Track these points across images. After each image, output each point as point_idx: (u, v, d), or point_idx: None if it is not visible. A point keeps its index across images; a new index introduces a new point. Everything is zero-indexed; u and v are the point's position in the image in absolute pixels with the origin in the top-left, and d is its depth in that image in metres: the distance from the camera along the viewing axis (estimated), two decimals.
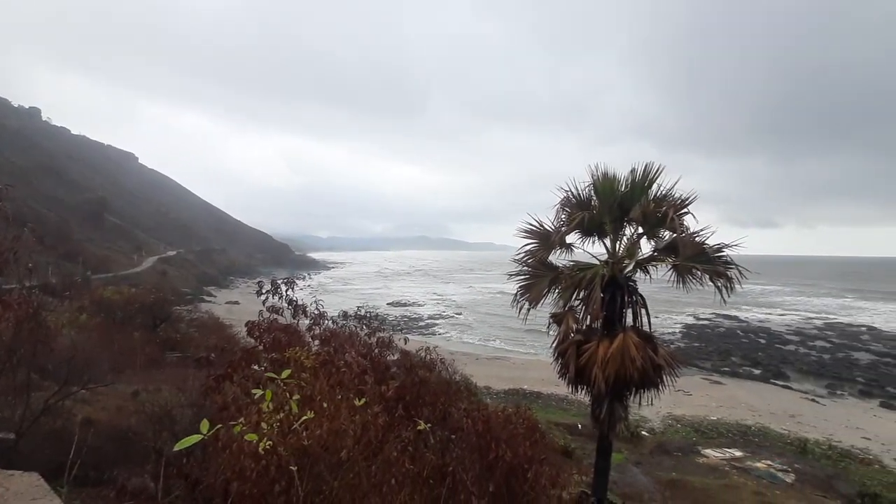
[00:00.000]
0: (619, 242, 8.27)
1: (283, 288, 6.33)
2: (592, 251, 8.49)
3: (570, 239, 8.48)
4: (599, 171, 8.17)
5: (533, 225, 8.63)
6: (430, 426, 4.07)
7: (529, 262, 8.61)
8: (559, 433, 18.94)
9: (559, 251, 8.51)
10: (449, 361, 10.69)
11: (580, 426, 20.69)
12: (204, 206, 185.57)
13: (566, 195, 8.46)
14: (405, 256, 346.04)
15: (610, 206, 8.10)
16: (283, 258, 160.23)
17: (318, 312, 6.36)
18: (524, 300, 8.38)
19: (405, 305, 72.87)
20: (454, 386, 8.36)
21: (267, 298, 6.18)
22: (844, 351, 43.77)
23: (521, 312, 8.38)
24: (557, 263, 8.52)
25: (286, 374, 3.63)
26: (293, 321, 6.07)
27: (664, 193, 7.93)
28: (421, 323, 56.93)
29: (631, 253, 8.12)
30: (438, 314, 64.34)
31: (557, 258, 8.57)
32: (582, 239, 8.56)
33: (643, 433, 21.63)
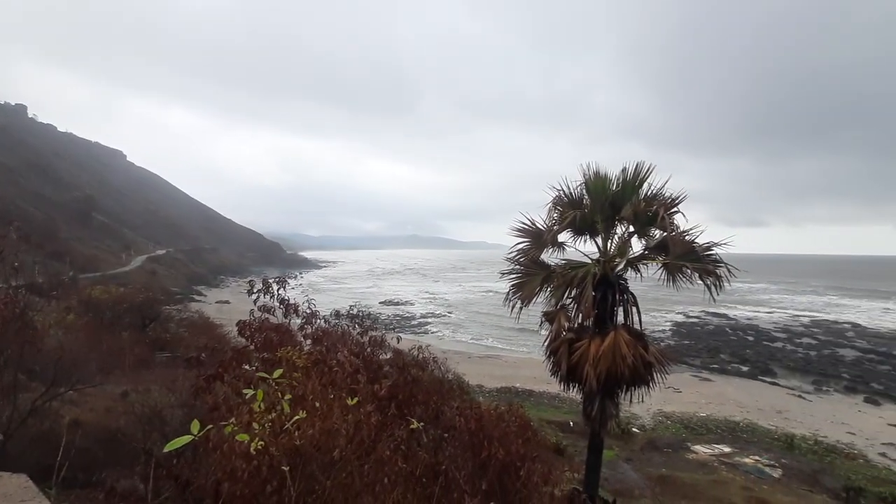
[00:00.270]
0: (610, 241, 8.33)
1: (274, 287, 6.27)
2: (584, 250, 8.55)
3: (562, 237, 8.52)
4: (591, 170, 8.22)
5: (525, 223, 8.66)
6: (422, 425, 4.07)
7: (522, 260, 8.64)
8: (551, 431, 19.06)
9: (551, 250, 8.55)
10: (441, 360, 10.73)
11: (572, 424, 20.83)
12: (194, 204, 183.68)
13: (558, 194, 8.50)
14: (397, 255, 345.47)
15: (601, 204, 8.15)
16: (273, 257, 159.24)
17: (309, 311, 6.32)
18: (517, 298, 8.40)
19: (397, 304, 72.78)
20: (447, 384, 8.39)
21: (258, 297, 6.12)
22: (830, 348, 44.51)
23: (513, 311, 8.41)
24: (550, 262, 8.56)
25: (278, 373, 3.61)
26: (285, 320, 6.03)
27: (655, 193, 7.99)
28: (413, 322, 56.91)
29: (622, 251, 8.18)
30: (431, 313, 64.34)
31: (549, 257, 8.61)
32: (574, 237, 8.61)
33: (634, 430, 21.84)
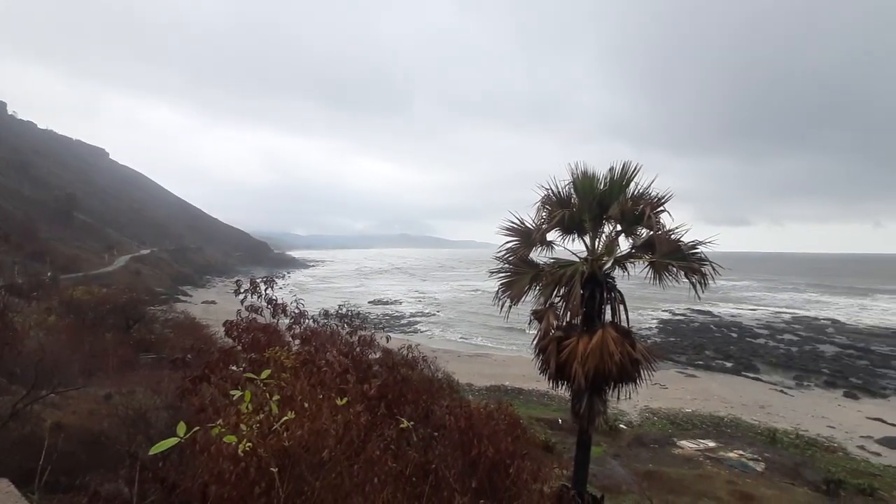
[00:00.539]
0: (598, 240, 8.39)
1: (262, 287, 6.21)
2: (572, 248, 8.61)
3: (550, 236, 8.57)
4: (579, 169, 8.28)
5: (514, 222, 8.69)
6: (412, 424, 4.07)
7: (511, 259, 8.67)
8: (540, 428, 19.20)
9: (540, 248, 8.60)
10: (431, 359, 10.73)
11: (560, 421, 21.02)
12: (179, 203, 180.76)
13: (547, 193, 8.55)
14: (386, 254, 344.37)
15: (589, 203, 8.21)
16: (261, 256, 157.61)
17: (298, 311, 6.27)
18: (506, 297, 8.43)
19: (386, 304, 72.60)
20: (436, 383, 8.38)
21: (245, 297, 6.05)
22: (811, 344, 45.54)
23: (502, 309, 8.44)
24: (538, 261, 8.60)
25: (266, 374, 3.58)
26: (273, 320, 5.97)
27: (641, 192, 8.07)
28: (402, 321, 56.81)
29: (610, 250, 8.26)
30: (420, 312, 64.29)
31: (538, 255, 8.66)
32: (562, 236, 8.66)
33: (621, 426, 22.11)
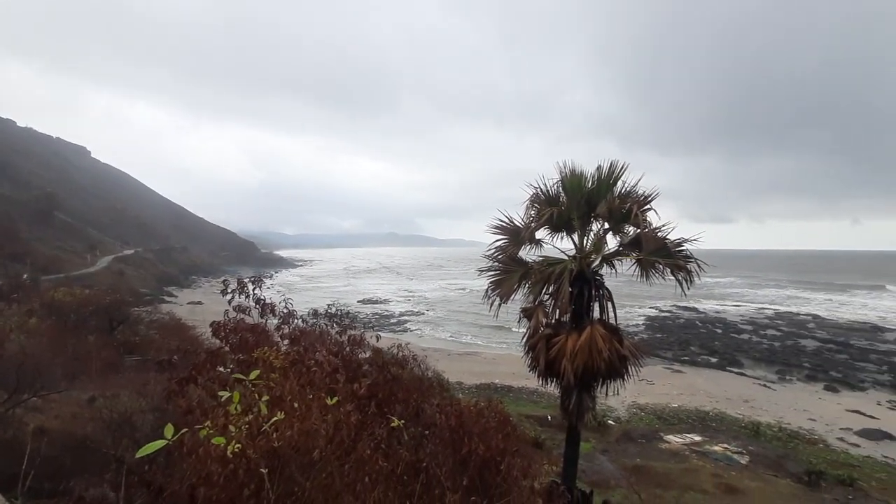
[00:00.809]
0: (586, 238, 8.47)
1: (249, 286, 6.14)
2: (561, 246, 8.67)
3: (539, 234, 8.63)
4: (567, 167, 8.35)
5: (503, 221, 8.73)
6: (403, 423, 4.07)
7: (500, 257, 8.71)
8: (530, 425, 19.34)
9: (529, 247, 8.65)
10: (421, 358, 10.74)
11: (550, 418, 21.19)
12: (163, 202, 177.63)
13: (535, 191, 8.60)
14: (374, 253, 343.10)
15: (578, 202, 8.27)
16: (247, 256, 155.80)
17: (286, 311, 6.21)
18: (495, 295, 8.47)
19: (376, 303, 72.33)
20: (427, 382, 8.39)
21: (233, 297, 5.98)
22: (793, 339, 46.50)
23: (492, 307, 8.48)
24: (527, 259, 8.65)
25: (254, 374, 3.55)
26: (261, 321, 5.91)
27: (628, 190, 8.17)
28: (392, 320, 56.67)
29: (598, 248, 8.34)
30: (409, 311, 64.17)
31: (527, 254, 8.71)
32: (551, 234, 8.72)
33: (609, 422, 22.36)
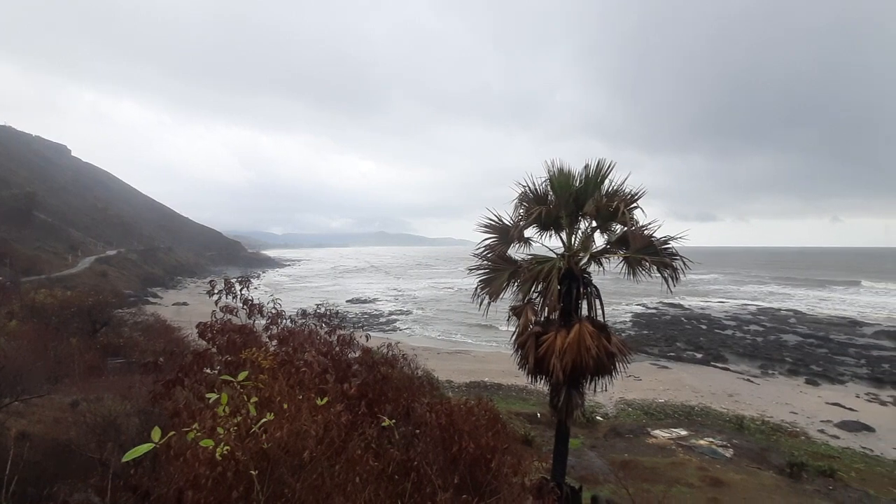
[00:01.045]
0: (574, 236, 8.53)
1: (237, 287, 6.06)
2: (550, 245, 8.73)
3: (528, 233, 8.66)
4: (555, 166, 8.39)
5: (492, 220, 8.76)
6: (393, 422, 4.07)
7: (489, 256, 8.73)
8: (520, 423, 19.46)
9: (518, 245, 8.68)
10: (411, 357, 10.72)
11: (539, 415, 21.34)
12: (147, 202, 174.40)
13: (524, 190, 8.63)
14: (363, 252, 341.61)
15: (566, 200, 8.33)
16: (234, 256, 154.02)
17: (275, 311, 6.15)
18: (485, 294, 8.50)
19: (365, 302, 72.03)
20: (417, 381, 8.39)
21: (219, 298, 5.90)
22: (775, 334, 47.47)
23: (481, 306, 8.50)
24: (516, 257, 8.69)
25: (243, 375, 3.52)
26: (249, 321, 5.85)
27: (615, 189, 8.24)
28: (382, 319, 56.48)
29: (585, 246, 8.41)
30: (399, 310, 64.03)
31: (516, 252, 8.74)
32: (539, 233, 8.77)
33: (598, 418, 22.62)
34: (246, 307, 5.99)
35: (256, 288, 6.48)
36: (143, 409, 5.65)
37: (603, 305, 8.38)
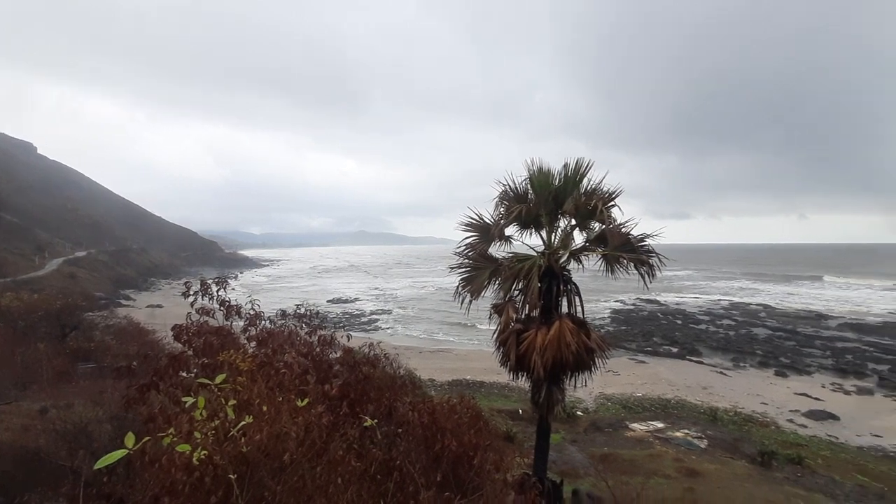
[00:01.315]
0: (554, 234, 8.63)
1: (213, 288, 5.94)
2: (530, 243, 8.81)
3: (508, 231, 8.72)
4: (535, 165, 8.48)
5: (473, 218, 8.80)
6: (375, 422, 4.06)
7: (470, 254, 8.76)
8: (501, 419, 19.62)
9: (498, 243, 8.74)
10: (393, 356, 10.70)
11: (521, 411, 21.55)
12: (118, 201, 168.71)
13: (505, 189, 8.70)
14: (343, 252, 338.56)
15: (545, 199, 8.42)
16: (210, 256, 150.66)
17: (253, 312, 6.05)
18: (466, 292, 8.53)
19: (346, 302, 71.39)
20: (399, 380, 8.37)
21: (196, 299, 5.77)
22: (746, 328, 49.06)
23: (462, 304, 8.53)
24: (497, 255, 8.75)
25: (220, 378, 3.46)
26: (226, 323, 5.74)
27: (594, 187, 8.37)
28: (363, 319, 56.09)
29: (565, 244, 8.52)
30: (380, 310, 63.69)
31: (497, 250, 8.80)
32: (520, 231, 8.84)
33: (578, 413, 22.98)
34: (223, 308, 5.88)
35: (234, 289, 6.36)
36: (115, 414, 5.49)
37: (582, 302, 8.51)
